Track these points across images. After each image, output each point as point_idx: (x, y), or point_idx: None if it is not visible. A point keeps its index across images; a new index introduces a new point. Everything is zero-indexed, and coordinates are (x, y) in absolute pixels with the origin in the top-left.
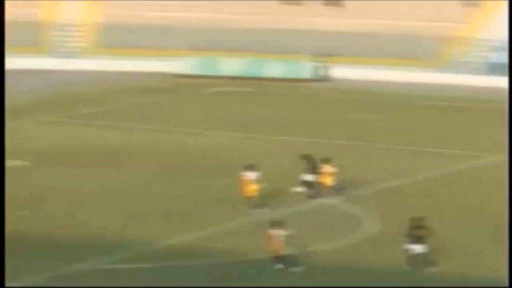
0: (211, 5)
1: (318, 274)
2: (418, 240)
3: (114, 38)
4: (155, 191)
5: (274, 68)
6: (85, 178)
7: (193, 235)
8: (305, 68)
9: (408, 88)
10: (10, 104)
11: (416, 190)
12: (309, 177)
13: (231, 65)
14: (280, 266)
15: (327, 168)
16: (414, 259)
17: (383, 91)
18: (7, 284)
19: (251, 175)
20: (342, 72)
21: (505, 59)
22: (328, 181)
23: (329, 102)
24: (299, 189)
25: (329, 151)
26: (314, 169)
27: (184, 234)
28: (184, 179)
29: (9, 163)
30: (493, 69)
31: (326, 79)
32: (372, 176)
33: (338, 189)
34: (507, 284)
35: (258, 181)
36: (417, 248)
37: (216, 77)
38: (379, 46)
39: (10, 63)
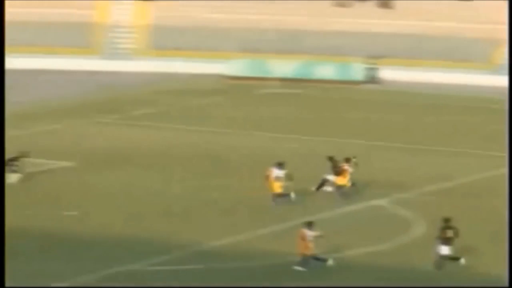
0: (262, 6)
1: (356, 275)
2: (445, 241)
3: (165, 39)
4: (205, 193)
5: (325, 70)
6: (131, 178)
7: (237, 237)
8: (356, 70)
9: (459, 90)
10: (60, 105)
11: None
12: (330, 177)
13: (282, 67)
14: (299, 268)
15: (345, 167)
16: (441, 260)
17: (434, 94)
18: (7, 284)
19: (278, 172)
20: (393, 74)
21: None
22: (339, 180)
23: (379, 104)
24: (330, 189)
25: (375, 153)
26: (336, 170)
27: (231, 235)
28: (225, 179)
29: (57, 164)
30: None
31: (377, 81)
32: (419, 179)
33: (343, 189)
34: (507, 284)
35: (285, 178)
36: (445, 249)
37: (267, 79)
38: (430, 48)
39: (62, 64)
